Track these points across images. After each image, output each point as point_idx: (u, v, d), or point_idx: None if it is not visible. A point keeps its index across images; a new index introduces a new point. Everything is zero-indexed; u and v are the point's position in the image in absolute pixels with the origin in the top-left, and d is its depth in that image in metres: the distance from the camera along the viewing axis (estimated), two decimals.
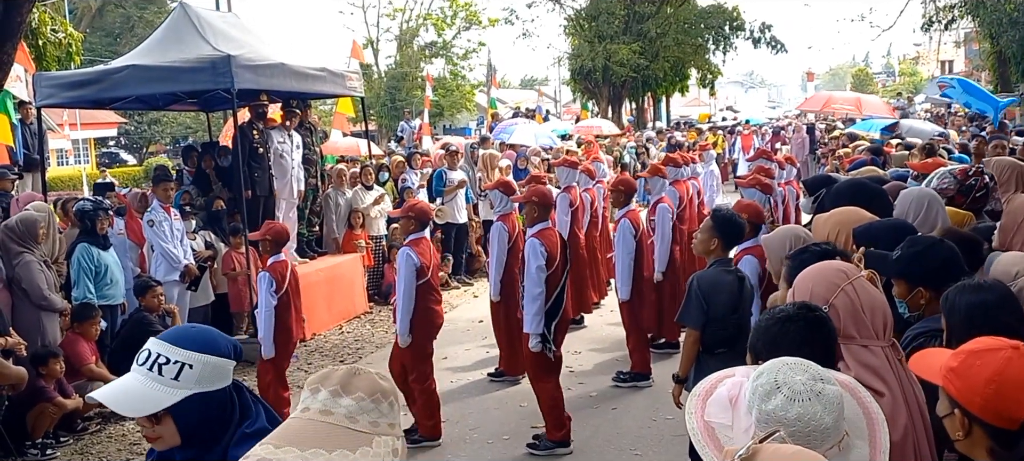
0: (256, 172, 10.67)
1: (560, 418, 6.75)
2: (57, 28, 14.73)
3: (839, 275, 2.82)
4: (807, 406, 1.91)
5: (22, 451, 6.90)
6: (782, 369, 1.99)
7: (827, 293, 2.76)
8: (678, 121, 40.81)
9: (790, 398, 1.92)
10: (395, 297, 6.91)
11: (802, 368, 1.99)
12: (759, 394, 1.96)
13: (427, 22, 44.10)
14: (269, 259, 7.25)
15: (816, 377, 1.97)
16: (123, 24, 44.38)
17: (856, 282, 2.79)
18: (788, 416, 1.91)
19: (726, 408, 2.04)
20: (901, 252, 3.29)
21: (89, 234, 8.55)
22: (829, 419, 1.93)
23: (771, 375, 1.98)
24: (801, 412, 1.91)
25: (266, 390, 7.19)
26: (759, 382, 1.98)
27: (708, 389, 2.15)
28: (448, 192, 13.14)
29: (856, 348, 2.71)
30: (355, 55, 22.12)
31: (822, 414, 1.92)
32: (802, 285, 2.85)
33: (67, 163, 32.76)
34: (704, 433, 2.04)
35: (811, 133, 24.71)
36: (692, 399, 2.15)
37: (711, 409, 2.09)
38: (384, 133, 38.34)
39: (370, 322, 11.57)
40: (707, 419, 2.06)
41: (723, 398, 2.07)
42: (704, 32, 36.70)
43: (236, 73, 9.54)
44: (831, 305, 2.73)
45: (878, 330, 2.75)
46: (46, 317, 7.76)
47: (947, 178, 5.27)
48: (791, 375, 1.96)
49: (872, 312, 2.76)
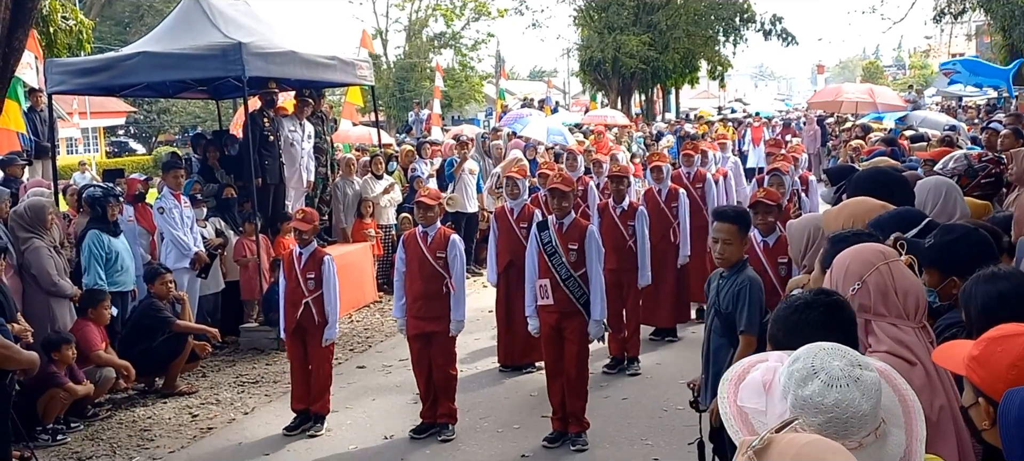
0: (266, 160, 10.66)
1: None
2: (68, 16, 14.71)
3: (877, 255, 2.78)
4: (845, 392, 1.86)
5: (33, 436, 6.89)
6: (819, 354, 1.93)
7: (862, 270, 2.73)
8: (687, 113, 40.68)
9: (828, 383, 1.87)
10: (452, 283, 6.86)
11: (840, 353, 1.94)
12: (795, 379, 1.91)
13: (436, 13, 44.05)
14: (304, 246, 7.19)
15: (854, 363, 1.92)
16: (132, 13, 44.37)
17: (893, 264, 2.75)
18: (825, 402, 1.86)
19: (760, 393, 2.00)
20: (934, 240, 3.23)
21: (99, 221, 8.55)
22: (867, 405, 1.87)
23: (808, 360, 1.93)
24: (839, 398, 1.86)
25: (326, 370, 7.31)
26: (796, 367, 1.93)
27: (740, 374, 2.10)
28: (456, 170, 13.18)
29: (886, 324, 2.68)
30: (365, 44, 22.11)
31: (860, 400, 1.87)
32: (839, 264, 2.82)
33: (77, 151, 32.86)
34: (737, 418, 1.99)
35: (822, 125, 24.59)
36: (724, 384, 2.10)
37: (744, 394, 2.04)
38: (393, 123, 38.32)
39: (379, 311, 11.56)
40: (740, 404, 2.02)
41: (757, 383, 2.03)
42: (714, 24, 36.51)
43: (247, 60, 9.54)
44: (863, 282, 2.69)
45: (909, 312, 2.71)
46: (56, 303, 7.79)
47: (962, 161, 5.23)
48: (829, 360, 1.91)
49: (905, 294, 2.72)
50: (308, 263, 7.13)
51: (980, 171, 5.14)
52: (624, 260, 8.40)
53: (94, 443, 7.22)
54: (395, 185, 12.93)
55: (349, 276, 11.50)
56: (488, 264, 8.94)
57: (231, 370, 9.14)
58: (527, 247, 6.96)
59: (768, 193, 6.75)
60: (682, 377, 8.05)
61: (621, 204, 8.46)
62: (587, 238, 6.62)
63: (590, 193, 10.18)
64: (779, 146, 12.61)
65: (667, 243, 9.20)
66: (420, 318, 6.90)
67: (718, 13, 36.41)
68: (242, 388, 8.53)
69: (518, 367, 8.62)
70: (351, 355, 9.61)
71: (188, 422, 7.66)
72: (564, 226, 6.67)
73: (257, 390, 8.45)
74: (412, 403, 7.57)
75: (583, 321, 6.62)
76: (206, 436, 7.34)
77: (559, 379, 6.72)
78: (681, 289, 9.47)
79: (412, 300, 6.92)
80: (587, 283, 6.60)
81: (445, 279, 6.84)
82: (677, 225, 9.25)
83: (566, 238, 6.61)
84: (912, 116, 18.36)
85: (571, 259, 6.57)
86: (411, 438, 6.96)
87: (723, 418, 2.04)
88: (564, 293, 6.57)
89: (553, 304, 6.61)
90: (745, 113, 36.15)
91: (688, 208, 9.37)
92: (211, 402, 8.16)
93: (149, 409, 8.00)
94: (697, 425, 4.85)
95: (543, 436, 6.75)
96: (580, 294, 6.58)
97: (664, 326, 9.50)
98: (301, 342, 7.22)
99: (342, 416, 7.56)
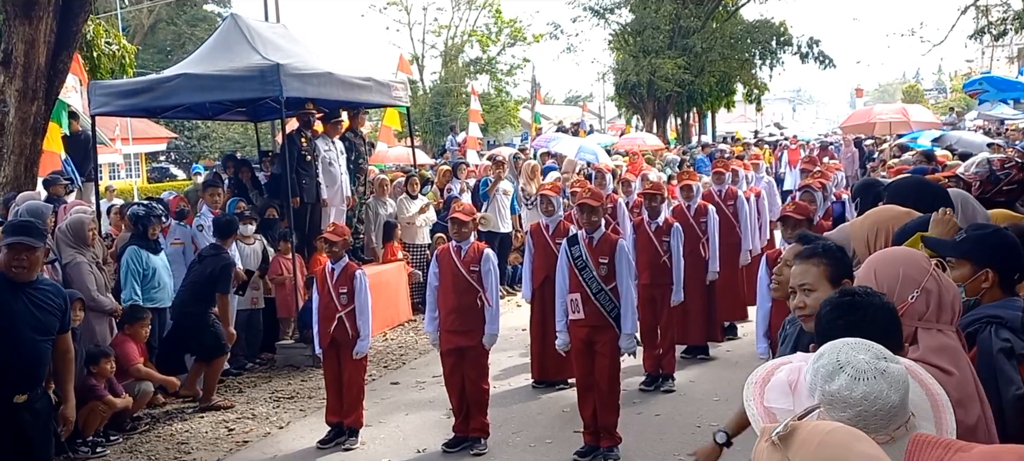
0: (304, 180, 10.79)
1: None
2: (111, 40, 15.06)
3: (924, 260, 2.74)
4: (872, 384, 1.87)
5: (74, 448, 7.01)
6: (843, 349, 1.94)
7: (919, 276, 2.67)
8: (724, 136, 40.51)
9: (854, 377, 1.88)
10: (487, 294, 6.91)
11: (864, 347, 1.94)
12: (821, 375, 1.92)
13: (472, 38, 44.35)
14: (336, 261, 7.28)
15: (879, 356, 1.92)
16: (174, 41, 45.22)
17: (936, 269, 2.73)
18: (853, 395, 1.87)
19: (786, 393, 2.01)
20: (966, 234, 3.21)
21: (140, 238, 8.70)
22: (896, 397, 1.88)
23: (833, 355, 1.94)
24: (867, 390, 1.87)
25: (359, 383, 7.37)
26: (821, 363, 1.94)
27: (765, 376, 2.12)
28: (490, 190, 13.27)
29: (934, 332, 2.63)
30: (402, 69, 22.33)
31: (888, 392, 1.87)
32: (890, 269, 2.72)
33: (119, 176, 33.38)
34: (765, 418, 2.01)
35: (859, 147, 24.38)
36: (749, 386, 2.12)
37: (771, 395, 2.06)
38: (429, 148, 38.58)
39: (413, 330, 11.62)
40: (767, 404, 2.03)
41: (782, 383, 2.04)
42: (751, 47, 36.40)
43: (284, 81, 9.70)
44: (923, 288, 2.64)
45: (953, 316, 2.69)
46: (95, 318, 7.90)
47: (984, 165, 5.18)
48: (854, 354, 1.92)
49: (954, 299, 2.69)
50: (340, 278, 7.21)
51: (1003, 178, 5.09)
52: (658, 276, 8.39)
53: (132, 456, 7.32)
54: (430, 205, 13.02)
55: (383, 294, 11.59)
56: (523, 280, 8.96)
57: (267, 386, 9.24)
58: (558, 262, 6.99)
59: (797, 207, 6.73)
60: (716, 395, 8.07)
61: (656, 220, 8.47)
62: (617, 252, 6.64)
63: (619, 210, 10.18)
64: (814, 163, 12.53)
65: (697, 259, 9.15)
66: (453, 332, 6.94)
67: (755, 36, 36.32)
68: (277, 403, 8.62)
69: (552, 383, 8.62)
70: (385, 372, 9.67)
71: (224, 435, 7.75)
72: (594, 240, 6.69)
73: (292, 405, 8.53)
74: (445, 418, 7.60)
75: (614, 335, 6.62)
76: (242, 449, 7.42)
77: (591, 393, 6.72)
78: (710, 306, 9.43)
79: (445, 314, 6.96)
80: (618, 297, 6.61)
81: (478, 293, 6.88)
82: (706, 241, 9.22)
83: (596, 252, 6.63)
84: (948, 136, 18.15)
85: (602, 273, 6.58)
86: (444, 452, 6.98)
87: (750, 419, 2.05)
88: (595, 307, 6.59)
89: (584, 318, 6.62)
90: (782, 136, 35.91)
91: (717, 224, 9.35)
92: (247, 416, 8.25)
93: (187, 423, 8.10)
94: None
95: (575, 450, 6.75)
96: (611, 308, 6.58)
97: (695, 343, 9.44)
98: (335, 356, 7.29)
99: (376, 430, 7.61)
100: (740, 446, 5.35)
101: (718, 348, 9.69)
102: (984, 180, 5.06)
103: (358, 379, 7.34)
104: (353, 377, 7.27)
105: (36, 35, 9.78)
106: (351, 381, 7.27)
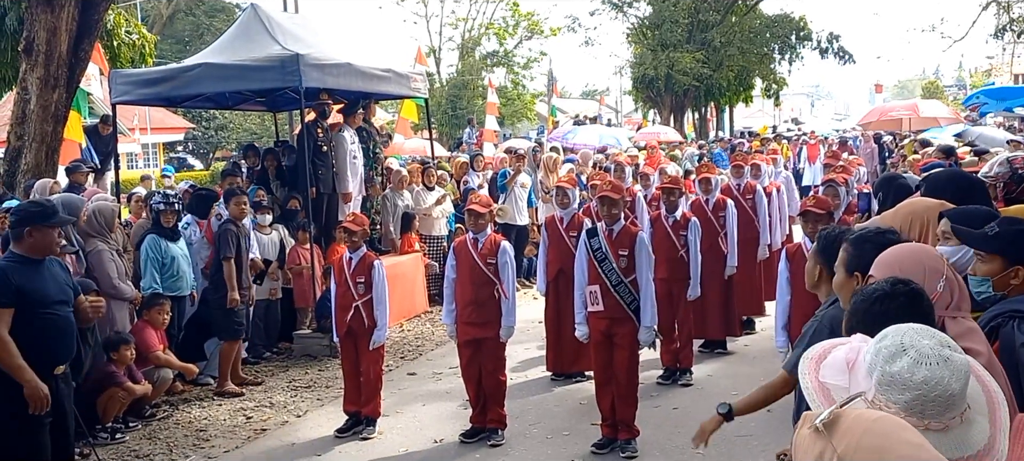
0: (320, 170, 10.81)
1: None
2: (131, 30, 15.13)
3: (939, 253, 2.78)
4: (934, 370, 1.85)
5: (93, 434, 7.06)
6: (908, 332, 1.93)
7: (941, 267, 2.70)
8: (741, 131, 40.35)
9: (917, 360, 1.86)
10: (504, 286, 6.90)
11: (929, 333, 1.93)
12: (883, 355, 1.90)
13: (489, 31, 44.33)
14: (354, 250, 7.30)
15: (944, 343, 1.90)
16: (193, 31, 45.38)
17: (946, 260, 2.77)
18: (914, 379, 1.85)
19: (843, 371, 2.00)
20: (999, 229, 3.15)
21: (159, 226, 8.73)
22: (957, 385, 1.86)
23: (897, 337, 1.92)
24: (928, 375, 1.85)
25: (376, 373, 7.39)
26: (884, 344, 1.92)
27: (821, 354, 2.10)
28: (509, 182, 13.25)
29: (960, 319, 2.65)
30: (420, 61, 22.38)
31: (950, 380, 1.85)
32: (914, 263, 2.72)
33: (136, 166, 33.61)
34: (819, 393, 1.99)
35: (879, 142, 24.24)
36: (805, 361, 2.10)
37: (826, 372, 2.04)
38: (445, 141, 38.61)
39: (430, 321, 11.63)
40: (822, 380, 2.02)
41: (840, 361, 2.03)
42: (769, 41, 36.25)
43: (304, 71, 9.72)
44: (947, 279, 2.67)
45: (969, 305, 2.71)
46: (115, 305, 7.92)
47: (1005, 164, 5.13)
48: (918, 339, 1.90)
49: (963, 287, 2.73)
50: (358, 267, 7.22)
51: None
52: (675, 270, 8.36)
53: (151, 442, 7.37)
54: (447, 196, 13.02)
55: (400, 286, 11.61)
56: (538, 273, 8.97)
57: (284, 375, 9.27)
58: (576, 254, 6.98)
59: (818, 201, 6.69)
60: (735, 389, 8.03)
61: (673, 214, 8.44)
62: (637, 244, 6.62)
63: (638, 203, 10.15)
64: (837, 158, 12.48)
65: (715, 253, 9.11)
66: (470, 324, 6.94)
67: (774, 31, 36.17)
68: (295, 392, 8.65)
69: (568, 375, 8.62)
70: (402, 363, 9.69)
71: (242, 423, 7.79)
72: (614, 232, 6.67)
73: (309, 394, 8.56)
74: (462, 409, 7.61)
75: (633, 327, 6.61)
76: (260, 437, 7.46)
77: (609, 385, 6.71)
78: (728, 300, 9.39)
79: (462, 306, 6.97)
80: (637, 289, 6.59)
81: (495, 285, 6.87)
82: (724, 235, 9.19)
83: (616, 244, 6.61)
84: (969, 131, 18.03)
85: (621, 265, 6.57)
86: (461, 442, 6.99)
87: (805, 393, 2.04)
88: (614, 299, 6.57)
89: (603, 310, 6.61)
90: (800, 131, 35.73)
91: (736, 219, 9.31)
92: (265, 405, 8.28)
93: (205, 410, 8.15)
94: (748, 435, 4.73)
95: (592, 442, 6.75)
96: (630, 300, 6.57)
97: (714, 337, 9.43)
98: (353, 345, 7.31)
99: (393, 420, 7.62)
100: (746, 431, 5.33)
101: (736, 342, 9.66)
102: (1007, 180, 5.01)
103: (376, 369, 7.35)
104: (370, 367, 7.29)
105: (58, 24, 9.85)
106: (368, 371, 7.29)
